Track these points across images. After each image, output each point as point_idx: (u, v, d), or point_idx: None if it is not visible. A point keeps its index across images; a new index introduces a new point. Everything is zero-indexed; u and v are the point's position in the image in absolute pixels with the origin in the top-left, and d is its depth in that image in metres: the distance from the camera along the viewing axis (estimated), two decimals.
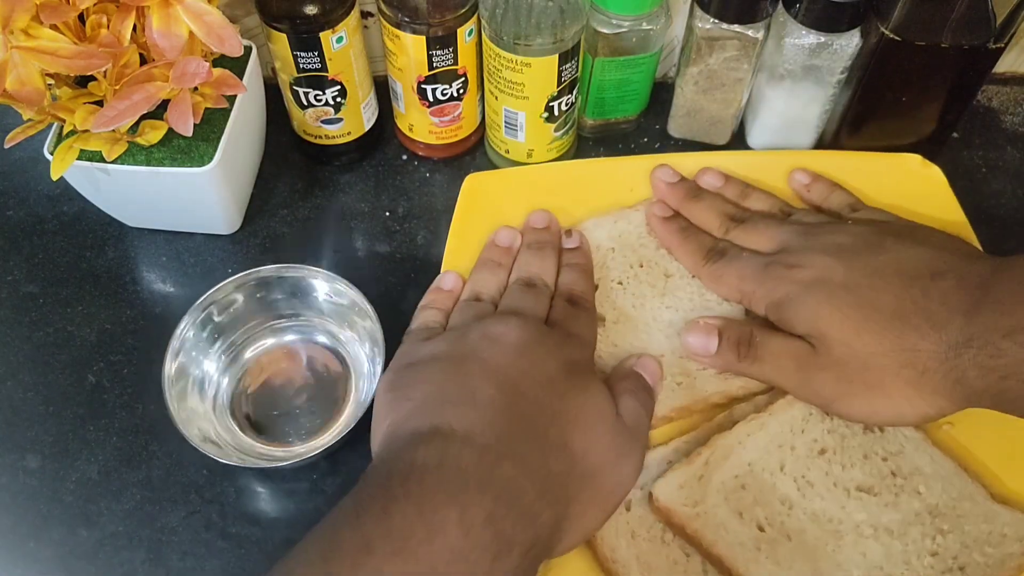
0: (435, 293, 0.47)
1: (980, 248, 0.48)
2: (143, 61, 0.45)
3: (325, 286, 0.49)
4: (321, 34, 0.49)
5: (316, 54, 0.50)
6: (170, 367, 0.46)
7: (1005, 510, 0.40)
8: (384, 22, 0.51)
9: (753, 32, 0.51)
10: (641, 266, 0.49)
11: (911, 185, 0.51)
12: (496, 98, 0.53)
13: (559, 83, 0.51)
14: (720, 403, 0.45)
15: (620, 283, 0.48)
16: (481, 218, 0.50)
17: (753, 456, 0.41)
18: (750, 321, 0.45)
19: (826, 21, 0.49)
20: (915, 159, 0.52)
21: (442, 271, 0.48)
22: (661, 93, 0.60)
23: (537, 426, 0.37)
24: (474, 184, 0.51)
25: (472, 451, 0.35)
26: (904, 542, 0.39)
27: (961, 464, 0.42)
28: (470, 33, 0.51)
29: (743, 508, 0.40)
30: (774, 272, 0.43)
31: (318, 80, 0.52)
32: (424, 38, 0.50)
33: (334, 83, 0.52)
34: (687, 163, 0.52)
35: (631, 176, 0.52)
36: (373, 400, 0.45)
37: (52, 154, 0.47)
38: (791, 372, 0.42)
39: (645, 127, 0.61)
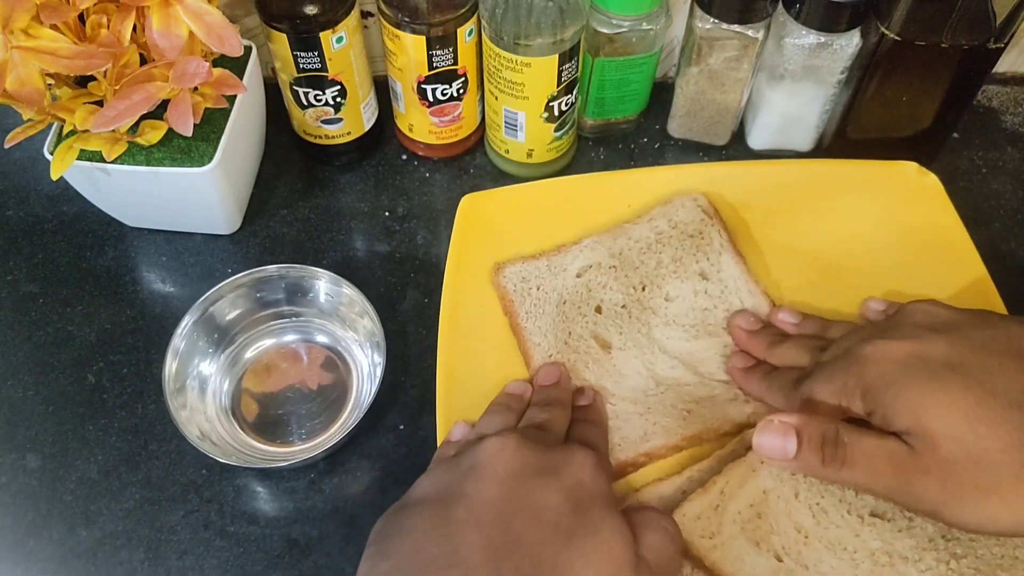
0: (444, 447, 0.42)
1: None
2: (143, 61, 0.45)
3: (325, 286, 0.49)
4: (321, 34, 0.49)
5: (316, 54, 0.50)
6: (170, 367, 0.46)
7: None
8: (384, 22, 0.51)
9: (753, 32, 0.51)
10: (643, 288, 0.48)
11: (907, 193, 0.51)
12: (496, 98, 0.53)
13: (559, 83, 0.51)
14: (730, 431, 0.44)
15: (624, 307, 0.47)
16: (479, 237, 0.50)
17: (768, 484, 0.41)
18: (833, 419, 0.38)
19: (826, 21, 0.49)
20: (911, 167, 0.52)
21: (443, 295, 0.47)
22: (661, 93, 0.60)
23: None
24: (471, 204, 0.51)
25: None
26: (919, 568, 0.39)
27: None
28: (470, 33, 0.51)
29: (760, 537, 0.40)
30: (862, 352, 0.37)
31: (318, 80, 0.52)
32: (424, 38, 0.50)
33: (334, 83, 0.52)
34: (686, 174, 0.52)
35: (628, 190, 0.52)
36: (367, 414, 0.45)
37: (52, 154, 0.47)
38: (888, 477, 0.35)
39: (645, 127, 0.61)
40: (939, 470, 0.34)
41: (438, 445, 0.43)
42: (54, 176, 0.46)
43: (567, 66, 0.50)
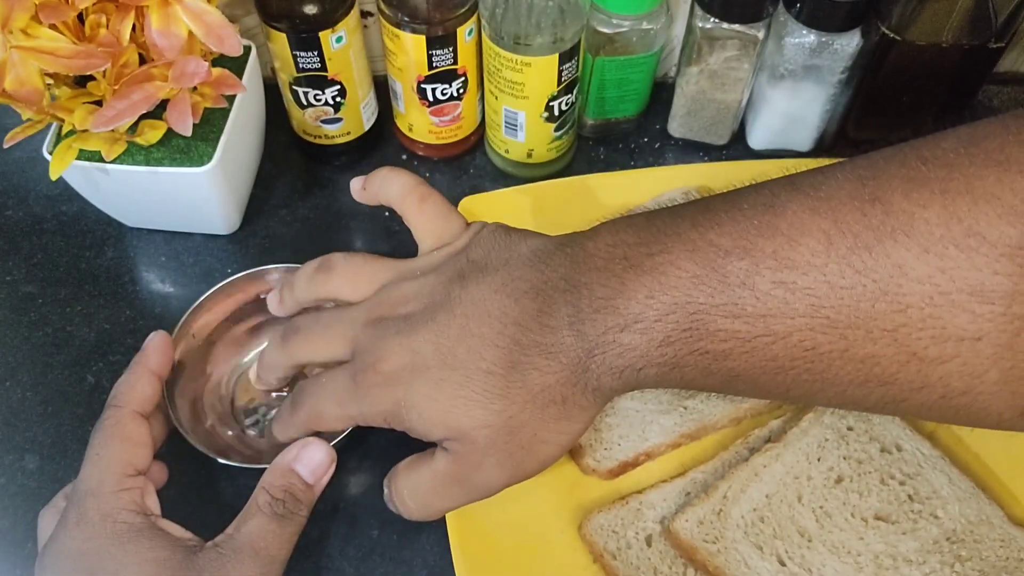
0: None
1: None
2: (142, 61, 0.45)
3: None
4: (321, 34, 0.49)
5: (316, 54, 0.50)
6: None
7: (1021, 533, 0.41)
8: (384, 22, 0.51)
9: (754, 31, 0.51)
10: None
11: None
12: (496, 98, 0.53)
13: (559, 83, 0.51)
14: (727, 426, 0.44)
15: None
16: None
17: (771, 488, 0.41)
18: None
19: (827, 20, 0.49)
20: None
21: None
22: (661, 93, 0.60)
23: None
24: (470, 206, 0.51)
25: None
26: (924, 571, 0.39)
27: (979, 483, 0.42)
28: (470, 33, 0.51)
29: (763, 542, 0.40)
30: (365, 381, 0.37)
31: (318, 80, 0.52)
32: (424, 38, 0.50)
33: (334, 83, 0.52)
34: (686, 173, 0.52)
35: (629, 190, 0.52)
36: None
37: (51, 154, 0.47)
38: (458, 492, 0.37)
39: (645, 127, 0.61)
40: (490, 455, 0.35)
41: None
42: (53, 176, 0.46)
43: (567, 66, 0.50)
